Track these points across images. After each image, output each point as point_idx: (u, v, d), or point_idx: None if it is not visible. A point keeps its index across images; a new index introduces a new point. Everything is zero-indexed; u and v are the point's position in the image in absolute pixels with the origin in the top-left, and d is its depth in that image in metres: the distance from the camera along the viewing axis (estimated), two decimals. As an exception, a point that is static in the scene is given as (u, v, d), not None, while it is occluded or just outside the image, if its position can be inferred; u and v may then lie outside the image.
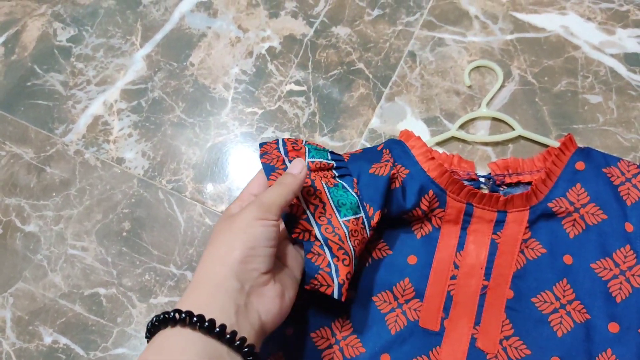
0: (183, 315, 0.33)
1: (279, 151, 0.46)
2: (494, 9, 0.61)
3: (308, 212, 0.43)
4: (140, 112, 0.60)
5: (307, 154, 0.46)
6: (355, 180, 0.47)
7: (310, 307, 0.47)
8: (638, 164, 0.49)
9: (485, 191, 0.51)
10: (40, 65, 0.63)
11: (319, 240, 0.42)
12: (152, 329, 0.35)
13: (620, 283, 0.46)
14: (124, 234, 0.55)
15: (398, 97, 0.58)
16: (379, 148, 0.51)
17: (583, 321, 0.45)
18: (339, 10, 0.63)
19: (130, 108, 0.60)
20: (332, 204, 0.44)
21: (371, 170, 0.47)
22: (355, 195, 0.45)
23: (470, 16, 0.61)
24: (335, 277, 0.41)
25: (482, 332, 0.46)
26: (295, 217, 0.42)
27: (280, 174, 0.43)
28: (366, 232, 0.45)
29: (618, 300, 0.45)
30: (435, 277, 0.48)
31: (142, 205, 0.56)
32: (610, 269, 0.46)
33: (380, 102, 0.58)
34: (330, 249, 0.42)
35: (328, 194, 0.44)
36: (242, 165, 0.57)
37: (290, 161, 0.44)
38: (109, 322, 0.52)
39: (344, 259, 0.42)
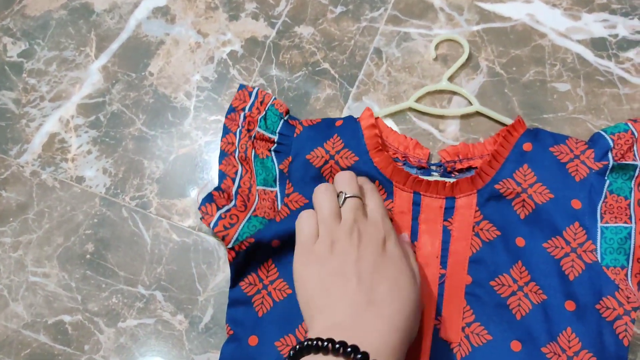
0: (325, 343, 0.33)
1: (236, 136, 0.52)
2: (459, 0, 0.59)
3: (239, 171, 0.51)
4: (99, 127, 0.57)
5: (259, 121, 0.52)
6: (289, 158, 0.50)
7: (273, 315, 0.46)
8: (586, 141, 0.48)
9: (437, 179, 0.49)
10: (-10, 83, 0.60)
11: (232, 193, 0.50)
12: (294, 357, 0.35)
13: (572, 260, 0.45)
14: (88, 256, 0.52)
15: (365, 96, 0.56)
16: (337, 123, 0.51)
17: (540, 302, 0.44)
18: (301, 10, 0.61)
19: (88, 123, 0.58)
20: (254, 173, 0.51)
21: (308, 157, 0.50)
22: (277, 171, 0.51)
23: (435, 8, 0.59)
24: (218, 211, 0.48)
25: (444, 322, 0.45)
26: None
27: (232, 160, 0.51)
28: (277, 204, 0.49)
29: (571, 277, 0.44)
30: None
31: (106, 225, 0.53)
32: (562, 247, 0.45)
33: (347, 103, 0.56)
34: (236, 198, 0.49)
35: (253, 164, 0.51)
36: (208, 177, 0.55)
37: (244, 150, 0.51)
38: (76, 351, 0.49)
39: (240, 207, 0.49)
